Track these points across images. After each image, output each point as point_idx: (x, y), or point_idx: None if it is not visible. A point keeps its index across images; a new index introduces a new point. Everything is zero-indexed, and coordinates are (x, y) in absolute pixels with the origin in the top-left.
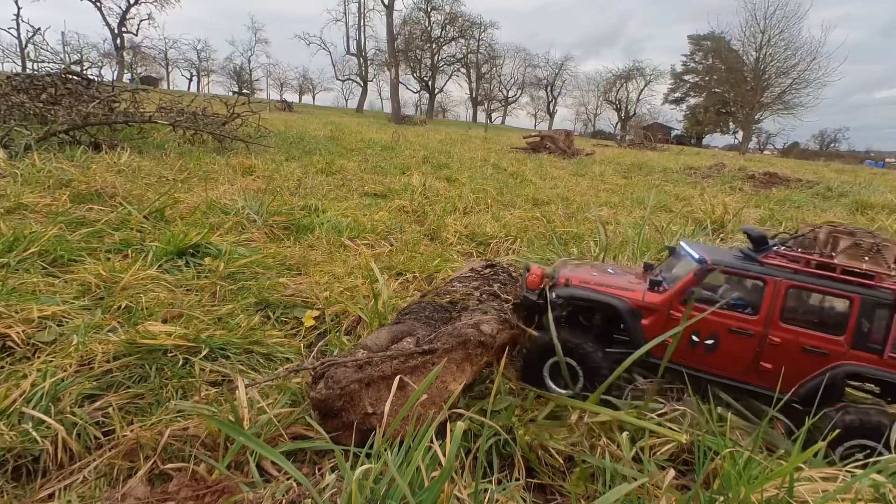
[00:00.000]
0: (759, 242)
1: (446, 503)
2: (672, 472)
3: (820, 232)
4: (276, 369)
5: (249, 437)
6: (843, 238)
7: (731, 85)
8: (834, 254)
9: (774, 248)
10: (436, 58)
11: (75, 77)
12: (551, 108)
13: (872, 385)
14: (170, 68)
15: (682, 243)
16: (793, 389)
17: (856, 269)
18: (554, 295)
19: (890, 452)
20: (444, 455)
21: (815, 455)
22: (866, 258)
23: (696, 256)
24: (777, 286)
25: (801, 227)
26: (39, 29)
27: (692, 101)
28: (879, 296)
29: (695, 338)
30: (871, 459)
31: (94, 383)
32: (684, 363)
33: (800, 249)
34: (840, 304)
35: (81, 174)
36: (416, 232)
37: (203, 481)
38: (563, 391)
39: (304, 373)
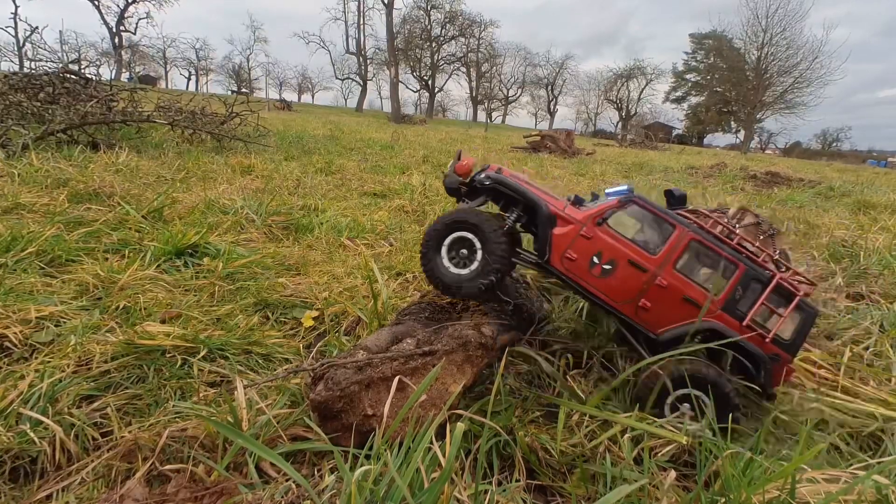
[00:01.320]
0: (680, 201)
1: None
2: (673, 474)
3: (732, 208)
4: (275, 370)
5: (248, 438)
6: (748, 216)
7: (732, 84)
8: (737, 226)
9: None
10: (436, 57)
11: (73, 76)
12: (552, 107)
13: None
14: (168, 67)
15: (606, 191)
16: (663, 330)
17: (749, 244)
18: (483, 175)
19: (726, 402)
20: (443, 456)
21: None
22: (760, 237)
23: (625, 188)
24: (683, 234)
25: (719, 204)
26: (37, 28)
27: (693, 100)
28: (759, 272)
29: (595, 259)
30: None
31: (92, 384)
32: (575, 279)
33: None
34: (725, 268)
35: (79, 174)
36: (416, 232)
37: (202, 483)
38: (456, 271)
39: (303, 374)
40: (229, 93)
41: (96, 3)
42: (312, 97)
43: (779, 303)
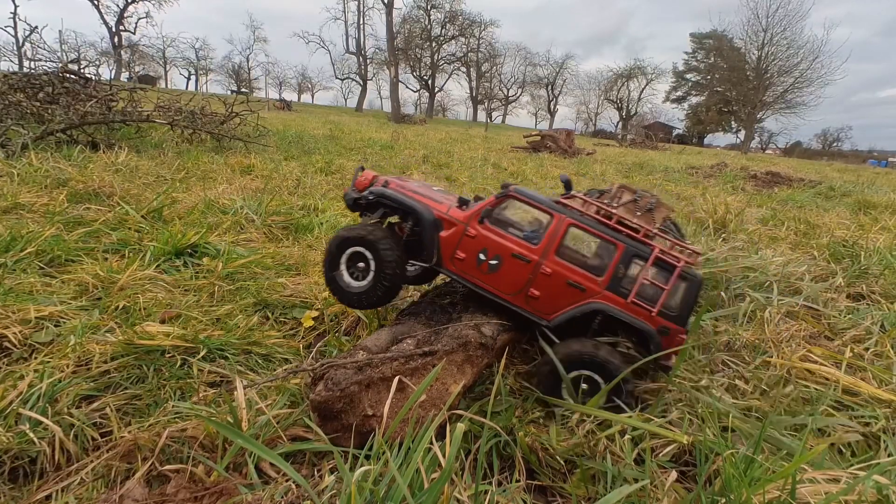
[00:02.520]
0: (568, 188)
1: None
2: (674, 474)
3: (614, 187)
4: (275, 370)
5: (248, 439)
6: (626, 193)
7: (733, 83)
8: (616, 205)
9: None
10: (436, 56)
11: (73, 76)
12: (552, 107)
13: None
14: (168, 67)
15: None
16: (553, 315)
17: (627, 222)
18: (367, 191)
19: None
20: (444, 456)
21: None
22: (639, 214)
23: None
24: (560, 222)
25: (612, 184)
26: (36, 27)
27: (694, 99)
28: (639, 248)
29: (482, 256)
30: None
31: (92, 384)
32: (467, 277)
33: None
34: (606, 249)
35: (79, 173)
36: None
37: (201, 483)
38: (356, 283)
39: (302, 374)
40: (229, 92)
41: (96, 2)
42: (312, 97)
43: (663, 276)
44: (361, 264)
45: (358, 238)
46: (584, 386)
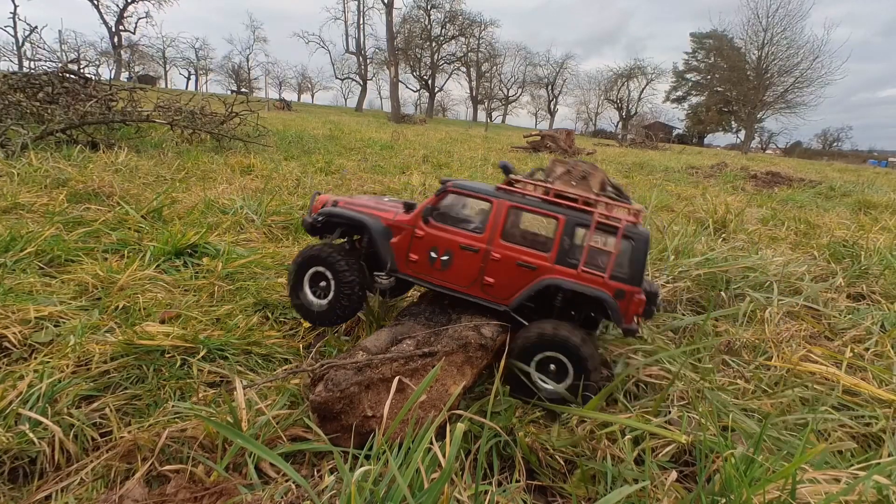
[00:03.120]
0: (507, 172)
1: None
2: (674, 474)
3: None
4: (275, 370)
5: (247, 439)
6: (559, 166)
7: (733, 83)
8: (552, 180)
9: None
10: (436, 56)
11: (72, 76)
12: (552, 107)
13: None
14: (167, 67)
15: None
16: (510, 299)
17: (564, 193)
18: (318, 214)
19: (579, 368)
20: (443, 456)
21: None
22: (573, 183)
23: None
24: (500, 207)
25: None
26: (36, 27)
27: (694, 99)
28: (580, 217)
29: (433, 254)
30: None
31: (92, 384)
32: (423, 277)
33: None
34: (549, 224)
35: (78, 173)
36: None
37: (201, 483)
38: (318, 301)
39: (302, 374)
40: (229, 92)
41: (95, 2)
42: (312, 97)
43: (608, 241)
44: (323, 283)
45: (317, 258)
46: (552, 367)
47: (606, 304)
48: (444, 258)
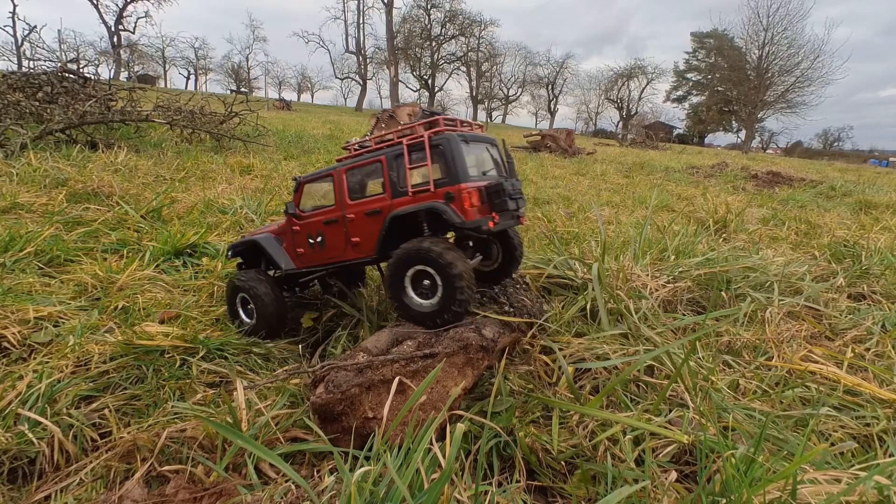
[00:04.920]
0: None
1: None
2: (674, 475)
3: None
4: (275, 370)
5: (247, 439)
6: (389, 121)
7: (733, 83)
8: (382, 132)
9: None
10: (436, 56)
11: (72, 75)
12: (552, 106)
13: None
14: (167, 66)
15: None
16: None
17: (383, 137)
18: (228, 249)
19: (445, 279)
20: (443, 457)
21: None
22: (383, 126)
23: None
24: (338, 175)
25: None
26: (35, 27)
27: (695, 99)
28: (396, 151)
29: (311, 241)
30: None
31: (91, 384)
32: (316, 263)
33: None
34: (376, 168)
35: (78, 173)
36: None
37: (201, 483)
38: (248, 320)
39: (303, 375)
40: (228, 92)
41: (95, 2)
42: (312, 97)
43: (421, 157)
44: (250, 306)
45: (240, 286)
46: (426, 282)
47: (443, 212)
48: (319, 239)
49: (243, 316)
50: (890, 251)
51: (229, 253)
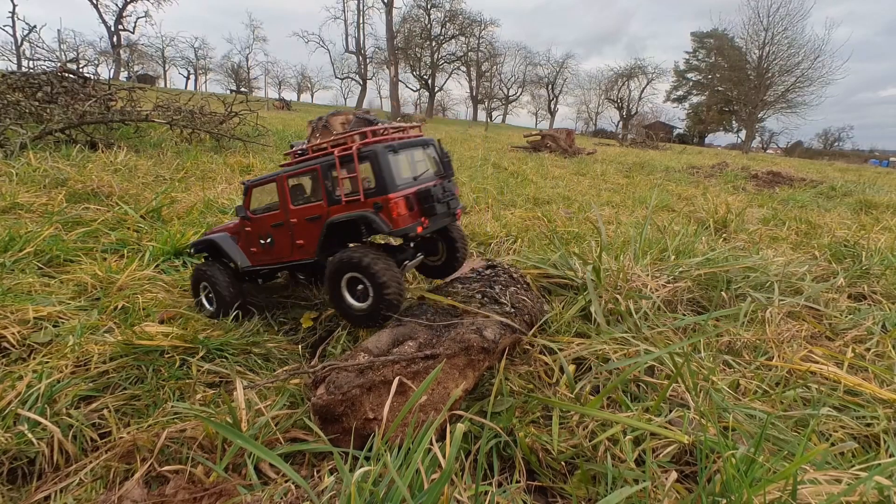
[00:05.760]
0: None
1: None
2: (674, 475)
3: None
4: (274, 370)
5: (247, 439)
6: (323, 130)
7: (734, 83)
8: (309, 141)
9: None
10: (435, 56)
11: (71, 75)
12: (552, 106)
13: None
14: (167, 66)
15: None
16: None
17: (318, 146)
18: (190, 247)
19: (374, 285)
20: (443, 457)
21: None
22: (318, 135)
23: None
24: (282, 181)
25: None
26: (35, 26)
27: (695, 99)
28: (329, 161)
29: (262, 241)
30: (863, 453)
31: (91, 385)
32: (268, 262)
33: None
34: (314, 177)
35: (77, 173)
36: None
37: (200, 484)
38: (209, 307)
39: (303, 375)
40: (228, 92)
41: (95, 1)
42: (312, 96)
43: (352, 168)
44: (211, 294)
45: (201, 276)
46: (359, 287)
47: (370, 221)
48: (269, 240)
49: (205, 303)
50: (890, 251)
51: (192, 250)
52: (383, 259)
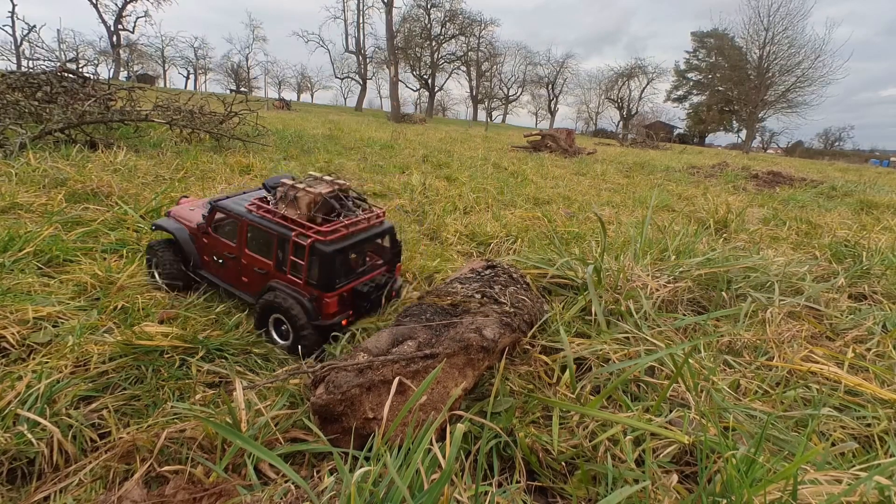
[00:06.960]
0: (268, 190)
1: None
2: (675, 475)
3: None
4: (274, 370)
5: (247, 439)
6: (284, 197)
7: (734, 83)
8: (277, 202)
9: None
10: (435, 55)
11: (71, 75)
12: (552, 106)
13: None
14: (166, 66)
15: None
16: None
17: (286, 216)
18: (153, 225)
19: (293, 326)
20: (443, 457)
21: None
22: (283, 206)
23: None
24: (243, 224)
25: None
26: (35, 26)
27: (695, 99)
28: (286, 235)
29: (215, 258)
30: (872, 463)
31: (90, 385)
32: (214, 275)
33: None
34: (269, 239)
35: (77, 173)
36: (415, 231)
37: (200, 484)
38: (158, 279)
39: (302, 375)
40: (228, 92)
41: (94, 1)
42: (311, 96)
43: (302, 256)
44: (159, 269)
45: (151, 253)
46: (284, 326)
47: (302, 302)
48: (220, 261)
49: (156, 275)
50: (891, 251)
51: (153, 226)
52: (303, 304)
